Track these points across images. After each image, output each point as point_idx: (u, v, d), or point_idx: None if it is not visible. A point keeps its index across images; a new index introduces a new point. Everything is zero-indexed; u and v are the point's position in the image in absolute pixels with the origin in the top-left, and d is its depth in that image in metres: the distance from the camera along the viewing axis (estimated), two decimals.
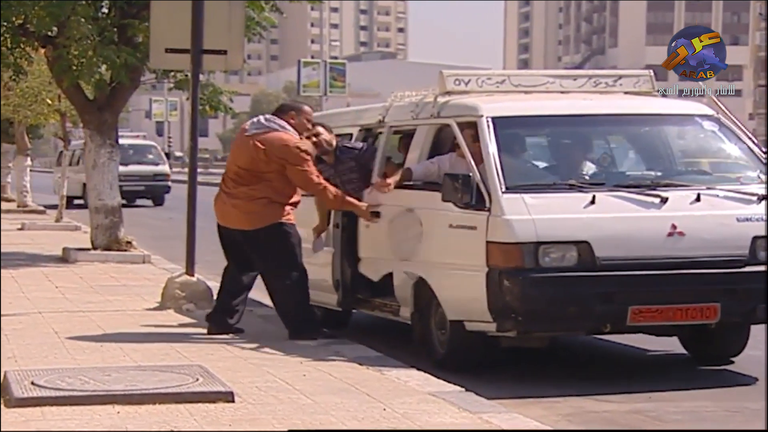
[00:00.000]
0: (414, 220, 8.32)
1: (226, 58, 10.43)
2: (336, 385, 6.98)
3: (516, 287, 7.57)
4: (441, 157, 8.60)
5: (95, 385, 6.49)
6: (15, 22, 14.67)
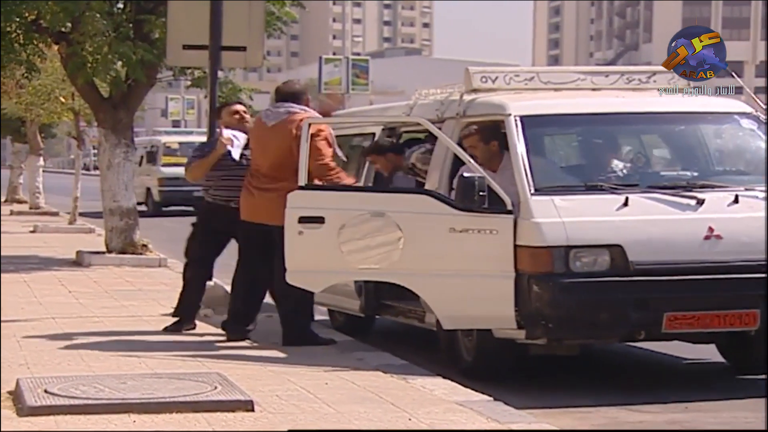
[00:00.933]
0: (387, 225, 8.01)
1: (246, 54, 10.46)
2: (359, 393, 6.98)
3: (546, 293, 7.55)
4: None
5: (110, 393, 6.52)
6: (28, 18, 14.74)
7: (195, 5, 10.26)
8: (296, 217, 8.19)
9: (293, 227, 8.19)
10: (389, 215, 8.00)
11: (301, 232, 8.17)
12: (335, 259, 8.11)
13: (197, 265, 9.44)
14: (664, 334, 7.78)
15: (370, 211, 8.05)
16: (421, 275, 8.00)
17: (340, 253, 8.08)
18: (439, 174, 8.60)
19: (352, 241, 8.06)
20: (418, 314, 8.84)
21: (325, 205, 8.20)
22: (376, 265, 8.07)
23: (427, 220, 7.94)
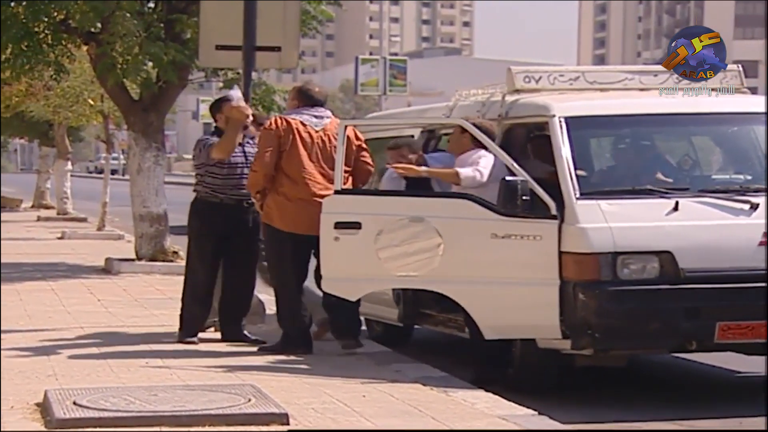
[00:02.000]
0: (426, 230, 8.04)
1: (281, 55, 10.46)
2: (398, 407, 6.97)
3: (592, 301, 7.52)
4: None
5: (141, 406, 6.53)
6: (56, 18, 14.84)
7: (228, 4, 10.28)
8: (332, 223, 8.19)
9: (329, 233, 8.19)
10: (428, 220, 7.99)
11: (337, 238, 8.16)
12: (372, 266, 8.11)
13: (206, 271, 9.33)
14: (717, 345, 7.73)
15: (408, 216, 8.05)
16: (461, 283, 7.98)
17: (378, 260, 8.07)
18: None
19: (390, 247, 8.06)
20: (458, 324, 8.82)
21: (362, 210, 8.19)
22: (415, 273, 8.06)
23: (467, 226, 7.93)
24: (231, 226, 9.14)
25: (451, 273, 7.97)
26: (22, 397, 7.01)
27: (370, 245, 8.08)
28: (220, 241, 9.21)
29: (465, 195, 8.22)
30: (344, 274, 8.28)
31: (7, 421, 6.46)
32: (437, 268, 7.97)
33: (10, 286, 13.22)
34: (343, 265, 8.25)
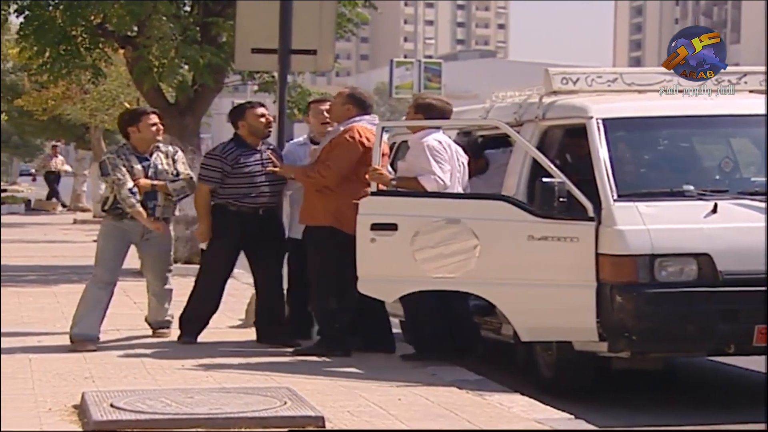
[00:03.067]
0: (462, 232, 8.05)
1: (316, 58, 10.47)
2: (433, 410, 6.96)
3: (630, 304, 7.49)
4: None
5: (177, 408, 6.55)
6: (93, 21, 14.93)
7: (264, 7, 10.29)
8: (368, 224, 8.19)
9: (365, 235, 8.19)
10: (465, 222, 7.98)
11: (374, 239, 8.16)
12: (408, 267, 8.10)
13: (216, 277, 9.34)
14: (755, 348, 7.67)
15: (444, 218, 8.03)
16: (497, 285, 7.97)
17: (414, 262, 8.07)
18: (517, 179, 8.56)
19: (426, 248, 8.05)
20: (494, 325, 8.80)
21: (398, 211, 8.19)
22: (451, 274, 8.05)
23: (504, 228, 7.91)
24: (249, 234, 9.11)
25: (488, 275, 7.95)
26: (59, 399, 7.04)
27: (407, 247, 8.07)
28: (236, 249, 9.23)
29: (501, 197, 8.20)
30: (380, 276, 8.27)
31: (45, 422, 6.50)
32: (473, 270, 7.95)
33: (48, 289, 13.31)
34: (379, 266, 8.24)
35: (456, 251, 7.98)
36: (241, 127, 9.29)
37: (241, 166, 9.13)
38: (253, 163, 9.16)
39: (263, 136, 9.29)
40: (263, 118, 9.25)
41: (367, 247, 8.20)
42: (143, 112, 9.60)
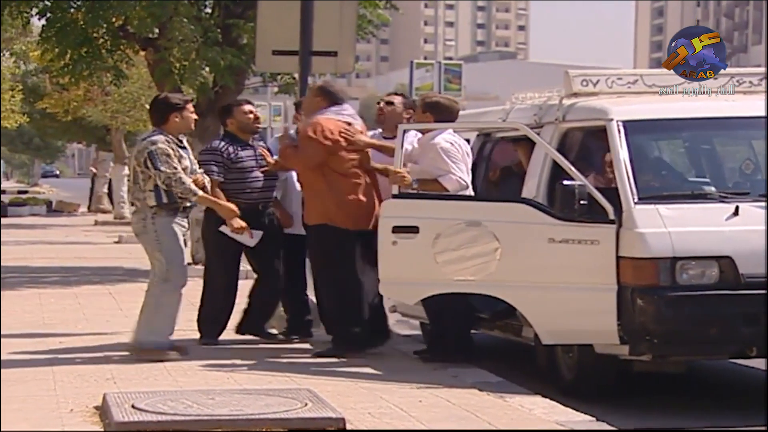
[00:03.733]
0: (483, 235, 8.05)
1: (336, 59, 10.49)
2: (455, 412, 6.95)
3: (651, 307, 7.47)
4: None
5: (199, 409, 6.56)
6: (115, 23, 14.98)
7: (285, 9, 10.31)
8: (390, 227, 8.20)
9: (387, 237, 8.20)
10: (485, 224, 7.98)
11: (395, 242, 8.16)
12: (430, 270, 8.10)
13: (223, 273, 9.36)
14: None
15: (465, 221, 8.03)
16: (518, 287, 7.96)
17: (435, 264, 8.07)
18: (537, 181, 8.56)
19: (447, 251, 8.05)
20: (514, 328, 8.79)
21: (420, 214, 8.19)
22: (472, 277, 8.05)
23: (525, 230, 7.91)
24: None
25: (509, 277, 7.95)
26: (81, 401, 7.07)
27: (428, 249, 8.07)
28: (238, 245, 9.23)
29: (523, 199, 8.20)
30: (402, 278, 8.28)
31: (67, 423, 6.52)
32: (494, 273, 7.95)
33: (69, 290, 13.36)
34: (401, 269, 8.25)
35: (477, 254, 7.98)
36: (230, 125, 9.40)
37: (237, 162, 9.21)
38: (248, 158, 9.26)
39: (252, 132, 9.38)
40: (251, 114, 9.35)
41: (388, 250, 8.21)
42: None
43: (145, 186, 8.46)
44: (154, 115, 8.74)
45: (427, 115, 8.78)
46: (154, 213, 8.47)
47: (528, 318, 8.02)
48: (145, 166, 8.44)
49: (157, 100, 8.92)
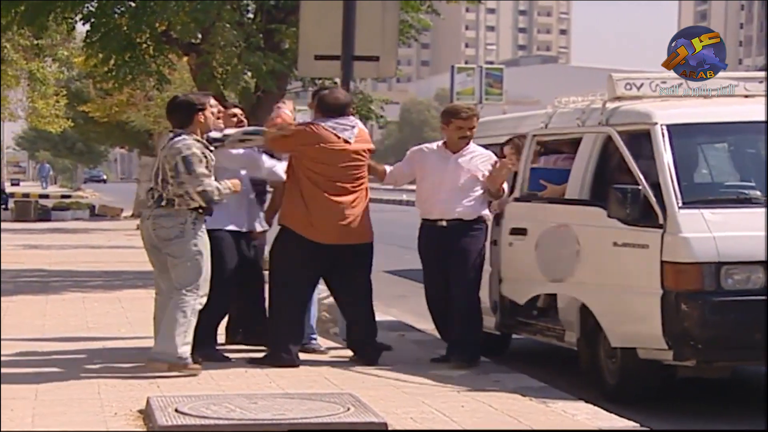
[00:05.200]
0: (569, 237, 8.17)
1: (378, 64, 10.48)
2: (497, 417, 6.93)
3: (695, 312, 7.43)
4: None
5: (241, 414, 6.58)
6: (158, 29, 15.07)
7: (327, 14, 10.32)
8: (509, 228, 8.57)
9: (506, 239, 8.58)
10: (572, 227, 8.15)
11: (512, 243, 8.58)
12: (533, 270, 8.36)
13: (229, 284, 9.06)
14: None
15: (557, 223, 8.27)
16: (592, 291, 7.99)
17: (536, 265, 8.32)
18: (579, 185, 8.56)
19: (544, 252, 8.32)
20: (557, 332, 8.76)
21: (528, 216, 8.50)
22: (559, 278, 8.20)
23: (597, 233, 8.01)
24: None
25: (585, 280, 8.04)
26: (124, 404, 7.10)
27: (533, 250, 8.31)
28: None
29: (599, 203, 8.16)
30: (515, 278, 8.58)
31: (111, 427, 6.56)
32: (576, 275, 8.06)
33: (112, 294, 13.44)
34: (514, 268, 8.58)
35: (564, 256, 8.15)
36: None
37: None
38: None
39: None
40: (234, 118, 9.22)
41: (507, 251, 8.60)
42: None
43: (186, 188, 8.08)
44: (178, 117, 8.35)
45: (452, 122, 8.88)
46: (195, 218, 8.16)
47: (600, 321, 7.97)
48: (187, 170, 8.08)
49: (179, 101, 8.46)
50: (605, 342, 8.16)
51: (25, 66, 27.22)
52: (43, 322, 11.00)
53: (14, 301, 12.61)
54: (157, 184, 8.22)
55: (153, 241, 8.21)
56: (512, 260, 8.82)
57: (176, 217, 8.13)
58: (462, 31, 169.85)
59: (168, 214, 8.14)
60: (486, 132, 9.77)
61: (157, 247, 8.19)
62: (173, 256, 8.13)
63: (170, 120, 8.50)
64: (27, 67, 27.31)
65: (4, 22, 15.70)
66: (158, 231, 8.16)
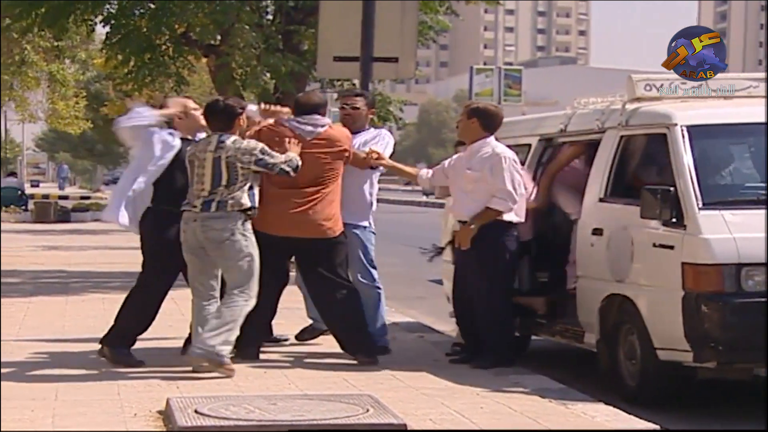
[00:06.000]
0: (626, 238, 8.15)
1: (397, 65, 10.50)
2: (516, 419, 6.92)
3: (715, 313, 7.40)
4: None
5: (261, 415, 6.59)
6: (178, 31, 15.12)
7: (346, 16, 10.34)
8: (590, 229, 8.51)
9: (587, 238, 8.54)
10: (629, 228, 8.09)
11: (593, 244, 8.49)
12: (605, 270, 8.31)
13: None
14: None
15: (621, 224, 8.23)
16: (640, 290, 7.97)
17: (605, 265, 8.30)
18: (599, 186, 8.56)
19: (612, 252, 8.27)
20: (575, 334, 8.75)
21: (604, 217, 8.46)
22: (618, 278, 8.16)
23: (643, 234, 7.97)
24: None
25: (636, 280, 8.01)
26: (144, 405, 7.12)
27: (605, 251, 8.31)
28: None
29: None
30: (592, 277, 8.51)
31: (131, 427, 6.57)
32: (630, 276, 8.03)
33: None
34: (593, 268, 8.52)
35: (624, 256, 8.10)
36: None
37: None
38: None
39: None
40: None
41: (587, 250, 8.54)
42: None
43: (237, 188, 8.13)
44: (221, 121, 8.38)
45: (473, 120, 8.77)
46: (245, 220, 8.18)
47: (645, 321, 7.93)
48: (263, 165, 8.19)
49: (222, 105, 8.48)
50: (625, 343, 8.15)
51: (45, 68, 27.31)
52: (63, 322, 11.04)
53: (34, 302, 12.66)
54: (202, 187, 8.18)
55: (200, 243, 8.21)
56: (590, 260, 8.63)
57: (227, 220, 8.14)
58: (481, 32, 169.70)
59: (219, 216, 8.15)
60: (506, 133, 9.74)
61: (203, 248, 8.20)
62: (225, 258, 8.17)
63: (212, 122, 8.45)
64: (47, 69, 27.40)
65: (25, 24, 15.77)
66: (208, 233, 8.14)
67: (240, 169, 8.15)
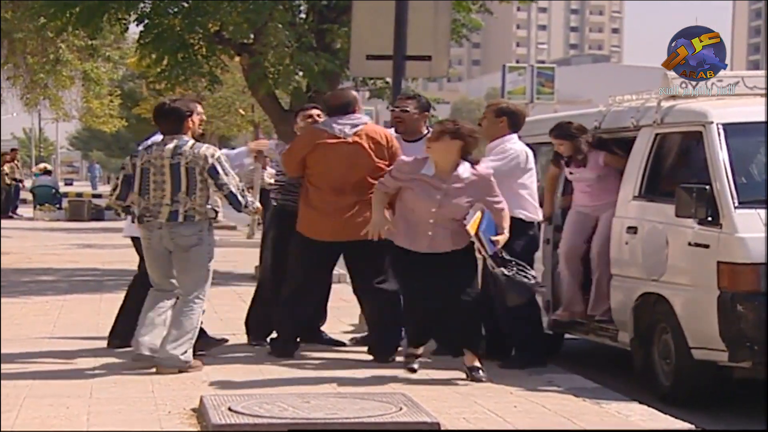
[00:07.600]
0: (662, 236, 8.11)
1: (430, 64, 10.47)
2: (550, 418, 6.90)
3: (751, 313, 7.35)
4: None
5: (294, 413, 6.59)
6: (211, 30, 15.15)
7: (379, 14, 10.32)
8: (624, 227, 8.49)
9: (622, 237, 8.52)
10: (664, 226, 8.07)
11: (627, 242, 8.46)
12: (639, 268, 8.29)
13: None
14: None
15: (655, 222, 8.20)
16: (675, 289, 7.93)
17: (641, 263, 8.26)
18: (633, 185, 8.52)
19: (646, 250, 8.23)
20: (609, 333, 8.71)
21: (638, 215, 8.42)
22: (652, 277, 8.13)
23: (677, 232, 7.92)
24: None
25: (671, 279, 7.96)
26: (178, 403, 7.14)
27: (640, 249, 8.27)
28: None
29: None
30: (628, 275, 8.48)
31: (165, 425, 6.60)
32: (665, 274, 8.00)
33: None
34: (627, 266, 8.49)
35: (659, 254, 8.06)
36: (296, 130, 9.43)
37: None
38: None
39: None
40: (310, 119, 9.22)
41: (622, 248, 8.50)
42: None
43: (199, 195, 8.19)
44: (170, 123, 8.37)
45: (502, 119, 8.74)
46: (210, 226, 8.27)
47: (680, 320, 7.88)
48: (214, 173, 8.19)
49: (170, 108, 8.43)
50: (659, 343, 8.11)
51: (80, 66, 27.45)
52: (98, 320, 11.09)
53: (69, 300, 12.73)
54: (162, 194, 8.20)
55: (167, 248, 8.26)
56: (625, 258, 8.59)
57: (197, 225, 8.22)
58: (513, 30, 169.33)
59: (188, 223, 8.21)
60: (537, 130, 9.73)
61: (170, 252, 8.26)
62: (189, 262, 8.22)
63: (162, 125, 8.46)
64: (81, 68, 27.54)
65: (60, 23, 15.85)
66: (177, 239, 8.21)
67: (198, 175, 8.18)
